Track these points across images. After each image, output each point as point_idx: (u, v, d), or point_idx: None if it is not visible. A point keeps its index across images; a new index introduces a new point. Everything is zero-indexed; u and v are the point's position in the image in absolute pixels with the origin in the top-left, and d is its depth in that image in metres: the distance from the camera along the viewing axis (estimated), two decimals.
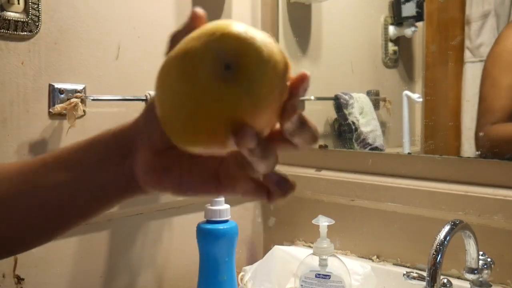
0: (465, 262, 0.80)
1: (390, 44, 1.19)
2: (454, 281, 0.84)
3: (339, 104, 1.18)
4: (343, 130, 1.18)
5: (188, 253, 1.08)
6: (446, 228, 0.74)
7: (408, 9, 1.12)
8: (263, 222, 1.25)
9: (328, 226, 0.92)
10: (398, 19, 1.15)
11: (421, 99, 1.10)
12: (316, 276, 0.90)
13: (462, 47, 1.04)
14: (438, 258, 0.72)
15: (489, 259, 0.82)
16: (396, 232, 1.01)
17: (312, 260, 0.92)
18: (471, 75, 1.03)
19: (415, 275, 0.81)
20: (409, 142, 1.11)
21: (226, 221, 0.91)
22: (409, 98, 1.11)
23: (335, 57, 1.28)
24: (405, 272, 0.82)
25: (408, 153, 1.09)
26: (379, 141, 1.17)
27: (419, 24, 1.12)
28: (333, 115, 1.20)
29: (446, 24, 1.09)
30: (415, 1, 1.11)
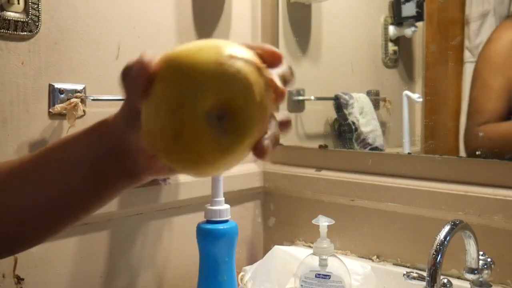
0: (465, 262, 0.80)
1: (390, 44, 1.19)
2: (454, 281, 0.84)
3: (339, 104, 1.18)
4: (343, 130, 1.18)
5: (188, 253, 1.08)
6: (446, 228, 0.74)
7: (408, 9, 1.12)
8: (263, 222, 1.25)
9: (328, 226, 0.92)
10: (398, 19, 1.15)
11: (421, 99, 1.10)
12: (316, 276, 0.90)
13: (462, 47, 1.04)
14: (438, 258, 0.72)
15: (489, 259, 0.82)
16: (396, 232, 1.01)
17: (312, 260, 0.91)
18: (471, 75, 1.03)
19: (415, 275, 0.81)
20: (409, 142, 1.11)
21: (226, 221, 0.91)
22: (409, 98, 1.11)
23: (335, 57, 1.28)
24: (405, 272, 0.82)
25: (408, 153, 1.09)
26: (379, 141, 1.17)
27: (419, 24, 1.12)
28: (333, 115, 1.20)
29: (446, 24, 1.09)
30: (415, 1, 1.11)
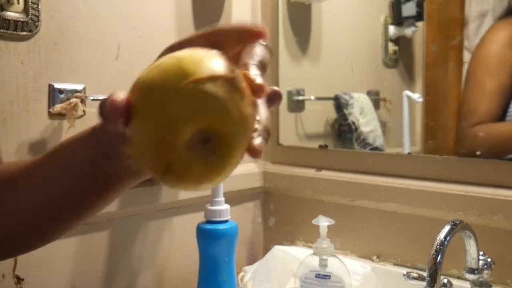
0: (465, 262, 0.80)
1: (390, 44, 1.19)
2: (454, 281, 0.84)
3: (339, 104, 1.18)
4: (343, 130, 1.18)
5: (188, 253, 1.08)
6: (446, 228, 0.74)
7: (408, 9, 1.12)
8: (263, 222, 1.25)
9: (328, 226, 0.92)
10: (398, 19, 1.15)
11: (421, 99, 1.10)
12: (316, 276, 0.90)
13: (462, 47, 1.04)
14: (438, 258, 0.72)
15: (489, 259, 0.82)
16: (396, 232, 1.01)
17: (312, 260, 0.91)
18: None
19: (415, 275, 0.81)
20: (409, 142, 1.11)
21: (226, 221, 0.91)
22: (409, 98, 1.11)
23: (335, 57, 1.28)
24: (405, 272, 0.82)
25: (408, 153, 1.09)
26: (379, 141, 1.17)
27: (419, 24, 1.12)
28: (333, 115, 1.20)
29: (446, 24, 1.09)
30: (415, 1, 1.11)
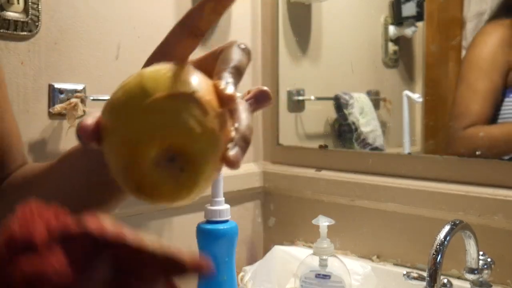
0: (465, 262, 0.80)
1: (390, 44, 1.19)
2: (454, 281, 0.84)
3: (339, 104, 1.18)
4: (343, 130, 1.18)
5: None
6: (446, 228, 0.74)
7: (408, 9, 1.12)
8: (263, 222, 1.25)
9: (328, 226, 0.92)
10: (398, 19, 1.15)
11: (421, 99, 1.10)
12: (316, 276, 0.90)
13: (462, 47, 1.04)
14: (438, 258, 0.72)
15: (489, 259, 0.82)
16: (396, 232, 1.01)
17: (312, 260, 0.91)
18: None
19: (415, 275, 0.81)
20: (409, 142, 1.11)
21: (226, 221, 0.91)
22: (409, 98, 1.11)
23: (335, 57, 1.28)
24: (405, 272, 0.82)
25: (408, 153, 1.09)
26: (379, 141, 1.17)
27: (419, 24, 1.12)
28: (333, 115, 1.20)
29: (446, 24, 1.09)
30: (415, 1, 1.11)
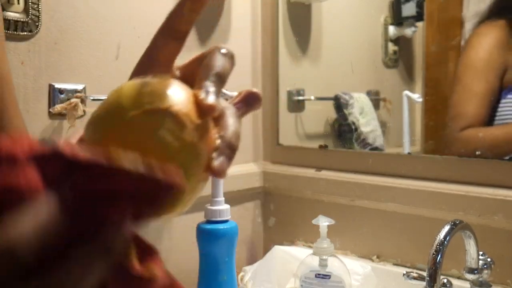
0: (465, 262, 0.80)
1: (390, 44, 1.19)
2: (454, 281, 0.84)
3: (339, 104, 1.18)
4: (343, 130, 1.18)
5: (188, 253, 1.08)
6: (446, 228, 0.74)
7: (408, 9, 1.12)
8: (263, 222, 1.25)
9: (328, 226, 0.92)
10: (398, 19, 1.15)
11: (421, 99, 1.10)
12: (316, 276, 0.90)
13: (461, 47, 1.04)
14: (438, 258, 0.72)
15: (489, 259, 0.82)
16: (396, 232, 1.01)
17: (312, 260, 0.91)
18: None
19: (415, 275, 0.81)
20: (409, 142, 1.11)
21: (226, 221, 0.91)
22: (409, 98, 1.11)
23: (335, 57, 1.28)
24: (405, 272, 0.82)
25: (408, 153, 1.09)
26: (379, 141, 1.17)
27: (419, 24, 1.12)
28: (333, 115, 1.20)
29: (446, 24, 1.09)
30: (415, 1, 1.11)
